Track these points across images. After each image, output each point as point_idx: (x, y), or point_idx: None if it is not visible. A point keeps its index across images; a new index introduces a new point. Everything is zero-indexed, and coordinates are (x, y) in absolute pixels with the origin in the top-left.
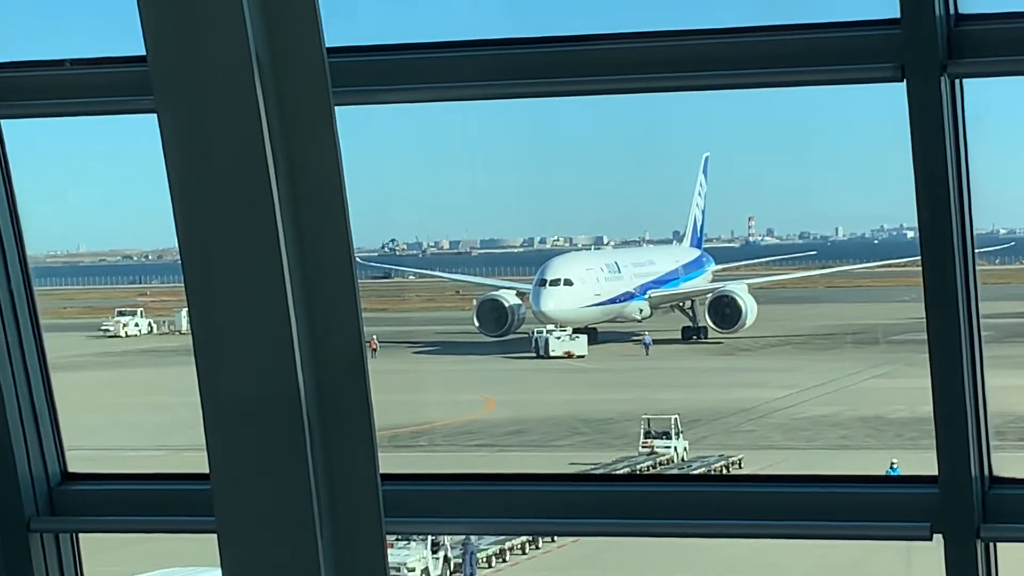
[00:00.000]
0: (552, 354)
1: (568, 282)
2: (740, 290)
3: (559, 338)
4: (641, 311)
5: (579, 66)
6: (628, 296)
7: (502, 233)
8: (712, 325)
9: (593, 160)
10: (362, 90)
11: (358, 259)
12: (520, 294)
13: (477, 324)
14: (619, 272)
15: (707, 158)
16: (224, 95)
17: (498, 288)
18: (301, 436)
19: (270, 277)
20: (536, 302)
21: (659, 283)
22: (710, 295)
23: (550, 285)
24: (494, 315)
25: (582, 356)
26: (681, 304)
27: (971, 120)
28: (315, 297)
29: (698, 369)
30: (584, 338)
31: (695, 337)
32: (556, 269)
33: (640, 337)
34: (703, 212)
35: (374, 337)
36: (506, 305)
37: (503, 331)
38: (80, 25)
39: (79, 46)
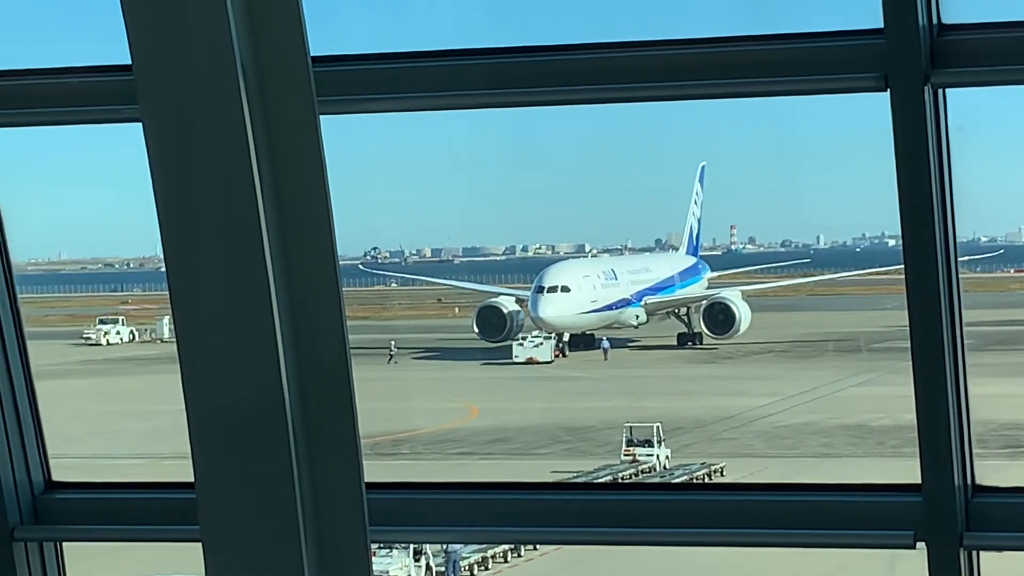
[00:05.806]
0: (516, 360)
1: (566, 289)
2: (734, 297)
3: (522, 344)
4: (637, 317)
5: (563, 75)
6: (625, 303)
7: (484, 241)
8: (707, 331)
9: (575, 168)
10: (347, 99)
11: (360, 267)
12: (519, 301)
13: (477, 330)
14: (616, 279)
15: (703, 167)
16: (209, 104)
17: (497, 295)
18: (286, 444)
19: (255, 285)
20: (534, 309)
21: (655, 290)
22: (704, 302)
23: (548, 292)
24: (493, 321)
25: (548, 362)
26: (676, 311)
27: (954, 130)
28: (300, 305)
29: (680, 377)
30: (548, 345)
31: (690, 343)
32: (554, 276)
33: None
34: (699, 220)
35: (392, 343)
36: (505, 312)
37: (502, 337)
38: (63, 33)
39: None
